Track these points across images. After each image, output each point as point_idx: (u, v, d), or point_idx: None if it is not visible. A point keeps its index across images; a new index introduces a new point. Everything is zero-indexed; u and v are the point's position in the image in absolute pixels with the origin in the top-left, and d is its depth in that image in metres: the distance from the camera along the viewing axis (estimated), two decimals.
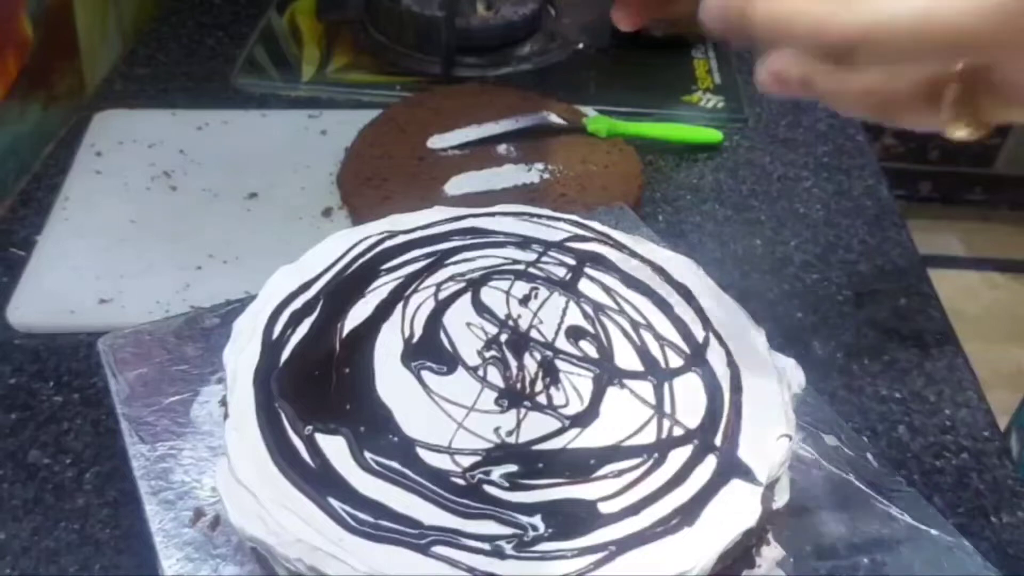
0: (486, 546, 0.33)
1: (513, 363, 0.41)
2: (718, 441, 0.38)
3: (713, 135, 0.78)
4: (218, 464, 0.38)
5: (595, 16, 0.89)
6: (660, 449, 0.37)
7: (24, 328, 0.57)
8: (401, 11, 0.85)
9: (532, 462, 0.37)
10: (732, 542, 0.35)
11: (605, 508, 0.35)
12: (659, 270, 0.47)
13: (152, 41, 0.89)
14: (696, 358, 0.42)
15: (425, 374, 0.40)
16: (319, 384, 0.40)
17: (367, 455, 0.36)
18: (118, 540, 0.46)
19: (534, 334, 0.43)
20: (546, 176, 0.69)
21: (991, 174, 1.95)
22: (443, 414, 0.39)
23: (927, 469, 0.51)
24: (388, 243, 0.48)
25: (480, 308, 0.44)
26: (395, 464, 0.36)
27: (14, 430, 0.51)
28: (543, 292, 0.45)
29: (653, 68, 0.89)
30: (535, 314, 0.44)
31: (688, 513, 0.35)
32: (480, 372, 0.41)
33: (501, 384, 0.40)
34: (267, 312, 0.43)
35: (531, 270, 0.47)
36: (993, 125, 0.33)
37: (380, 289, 0.45)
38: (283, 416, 0.38)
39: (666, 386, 0.41)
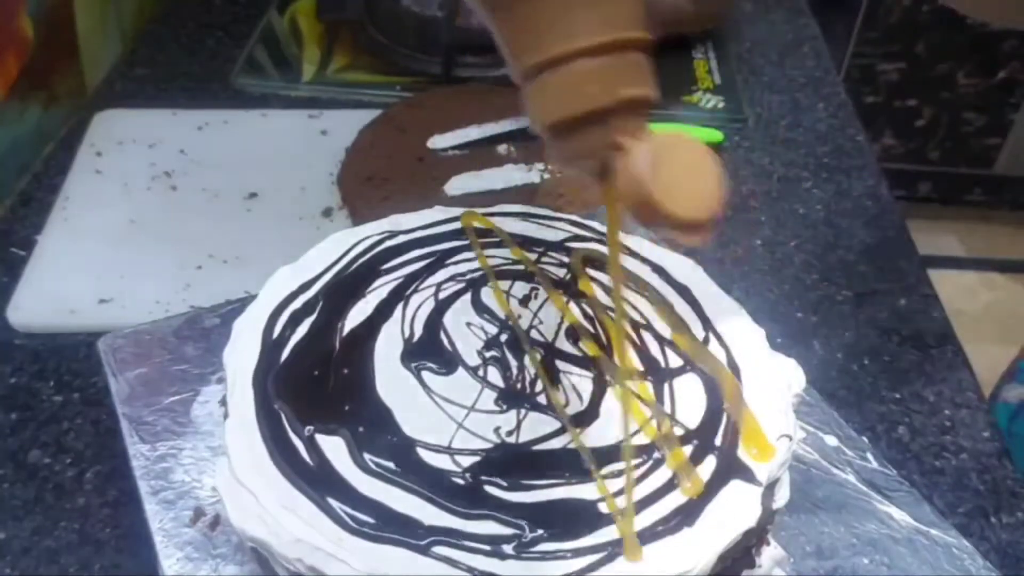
0: (486, 546, 0.33)
1: (513, 363, 0.41)
2: (718, 441, 0.38)
3: (713, 135, 0.78)
4: (218, 464, 0.38)
5: None
6: (660, 449, 0.37)
7: (24, 328, 0.57)
8: (401, 11, 0.85)
9: (532, 462, 0.37)
10: (732, 542, 0.35)
11: (605, 508, 0.35)
12: (659, 270, 0.47)
13: (152, 41, 0.89)
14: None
15: (425, 374, 0.40)
16: (319, 384, 0.40)
17: (366, 455, 0.36)
18: (118, 540, 0.46)
19: (534, 334, 0.43)
20: (546, 176, 0.69)
21: (991, 175, 1.95)
22: (443, 414, 0.39)
23: (927, 469, 0.51)
24: (388, 243, 0.48)
25: (480, 308, 0.44)
26: (395, 464, 0.36)
27: (14, 430, 0.51)
28: (543, 292, 0.45)
29: (653, 68, 0.88)
30: (535, 314, 0.44)
31: (688, 513, 0.35)
32: (480, 372, 0.41)
33: (501, 384, 0.40)
34: (267, 312, 0.43)
35: (531, 270, 0.47)
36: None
37: (380, 289, 0.45)
38: (283, 416, 0.38)
39: (666, 386, 0.41)
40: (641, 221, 0.31)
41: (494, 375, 0.41)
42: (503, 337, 0.43)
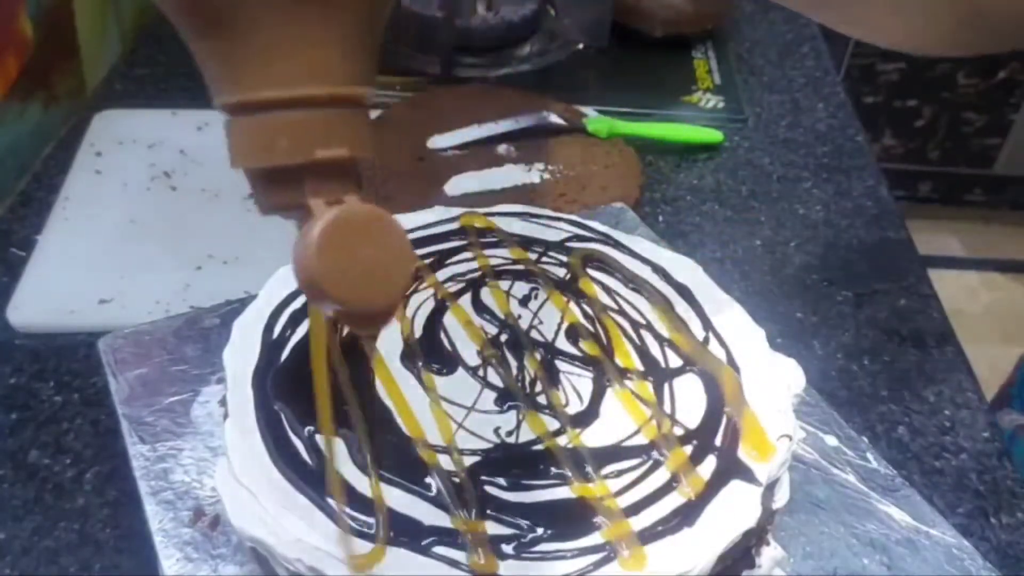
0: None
1: (513, 363, 0.41)
2: (718, 441, 0.38)
3: (713, 135, 0.78)
4: (218, 464, 0.38)
5: (595, 16, 0.89)
6: (660, 449, 0.37)
7: (24, 328, 0.57)
8: (401, 11, 0.85)
9: (532, 462, 0.37)
10: (732, 542, 0.34)
11: (604, 509, 0.35)
12: (659, 270, 0.47)
13: (152, 41, 0.89)
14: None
15: (425, 374, 0.40)
16: None
17: (367, 456, 0.36)
18: (118, 540, 0.46)
19: (534, 334, 0.43)
20: (546, 176, 0.69)
21: (991, 175, 1.95)
22: (443, 414, 0.38)
23: (927, 469, 0.51)
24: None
25: (480, 308, 0.44)
26: (395, 464, 0.36)
27: (14, 430, 0.51)
28: (543, 292, 0.45)
29: (653, 68, 0.89)
30: (535, 314, 0.44)
31: (688, 513, 0.35)
32: (480, 372, 0.41)
33: (501, 384, 0.40)
34: (267, 312, 0.43)
35: (531, 270, 0.47)
36: None
37: None
38: (283, 416, 0.38)
39: (666, 386, 0.41)
40: (309, 299, 0.27)
41: (494, 375, 0.41)
42: (503, 337, 0.43)
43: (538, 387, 0.40)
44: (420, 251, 0.47)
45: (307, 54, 0.26)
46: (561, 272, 0.47)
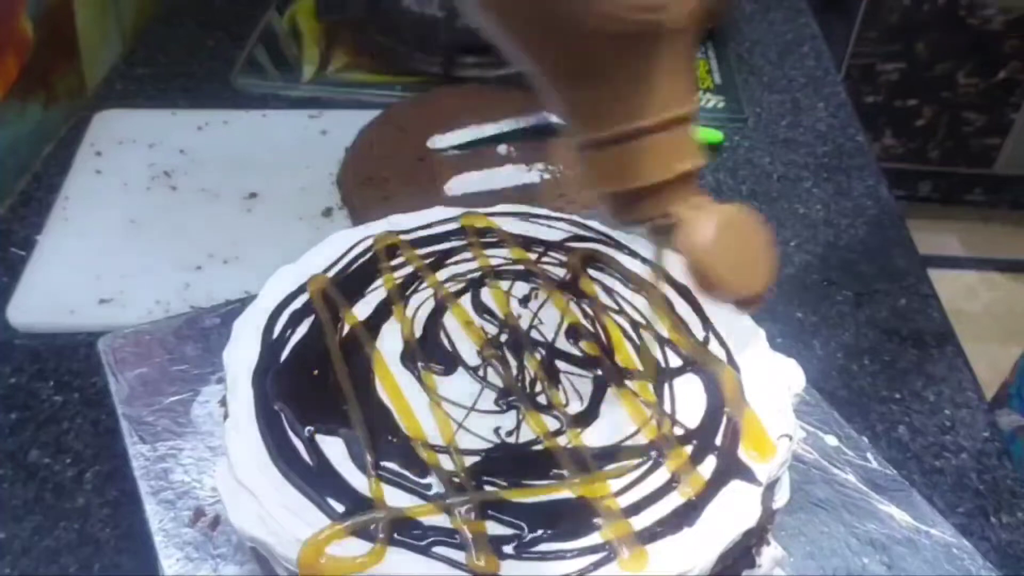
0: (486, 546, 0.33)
1: (513, 363, 0.41)
2: (718, 441, 0.38)
3: (713, 135, 0.78)
4: (218, 464, 0.38)
5: None
6: (660, 449, 0.37)
7: (24, 328, 0.57)
8: (401, 11, 0.85)
9: (532, 462, 0.37)
10: (732, 542, 0.35)
11: (605, 509, 0.35)
12: (659, 270, 0.47)
13: (152, 41, 0.89)
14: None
15: (425, 374, 0.40)
16: (318, 384, 0.40)
17: (367, 456, 0.36)
18: (118, 540, 0.46)
19: (534, 334, 0.43)
20: (546, 176, 0.69)
21: (991, 174, 1.95)
22: (443, 414, 0.38)
23: (927, 469, 0.51)
24: (388, 243, 0.48)
25: (480, 308, 0.44)
26: (394, 465, 0.36)
27: (14, 430, 0.51)
28: (543, 292, 0.45)
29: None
30: (535, 314, 0.44)
31: (688, 513, 0.35)
32: (480, 372, 0.41)
33: (501, 384, 0.40)
34: (267, 312, 0.43)
35: (531, 270, 0.47)
36: None
37: (380, 289, 0.45)
38: (283, 416, 0.38)
39: (666, 386, 0.41)
40: (699, 289, 0.32)
41: (494, 375, 0.41)
42: (503, 337, 0.43)
43: (538, 387, 0.40)
44: (420, 251, 0.47)
45: (664, 84, 0.31)
46: (561, 272, 0.47)
